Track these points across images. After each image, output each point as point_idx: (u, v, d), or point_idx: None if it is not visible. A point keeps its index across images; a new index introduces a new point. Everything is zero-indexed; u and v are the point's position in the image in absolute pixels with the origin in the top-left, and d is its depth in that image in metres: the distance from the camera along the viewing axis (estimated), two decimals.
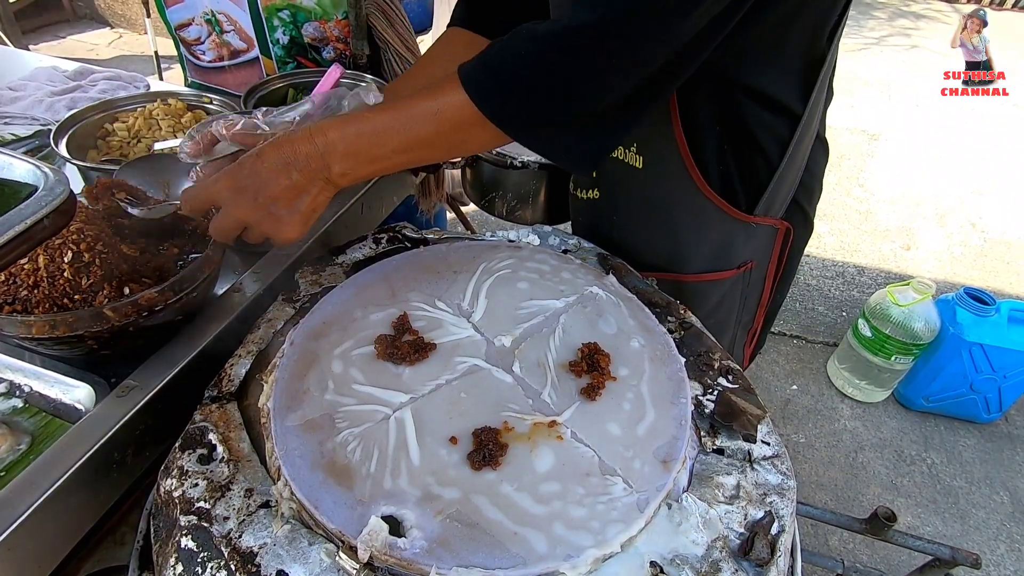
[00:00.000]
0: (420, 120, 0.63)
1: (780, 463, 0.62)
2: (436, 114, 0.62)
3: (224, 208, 0.64)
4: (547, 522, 0.51)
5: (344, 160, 0.63)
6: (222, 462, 0.57)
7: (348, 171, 0.64)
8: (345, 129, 0.63)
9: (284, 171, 0.62)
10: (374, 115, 0.64)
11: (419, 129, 0.63)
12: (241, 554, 0.49)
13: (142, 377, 0.67)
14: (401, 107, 0.63)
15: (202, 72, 1.40)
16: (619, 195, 0.91)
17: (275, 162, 0.62)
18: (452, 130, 0.63)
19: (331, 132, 0.63)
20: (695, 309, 0.95)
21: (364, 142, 0.63)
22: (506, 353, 0.67)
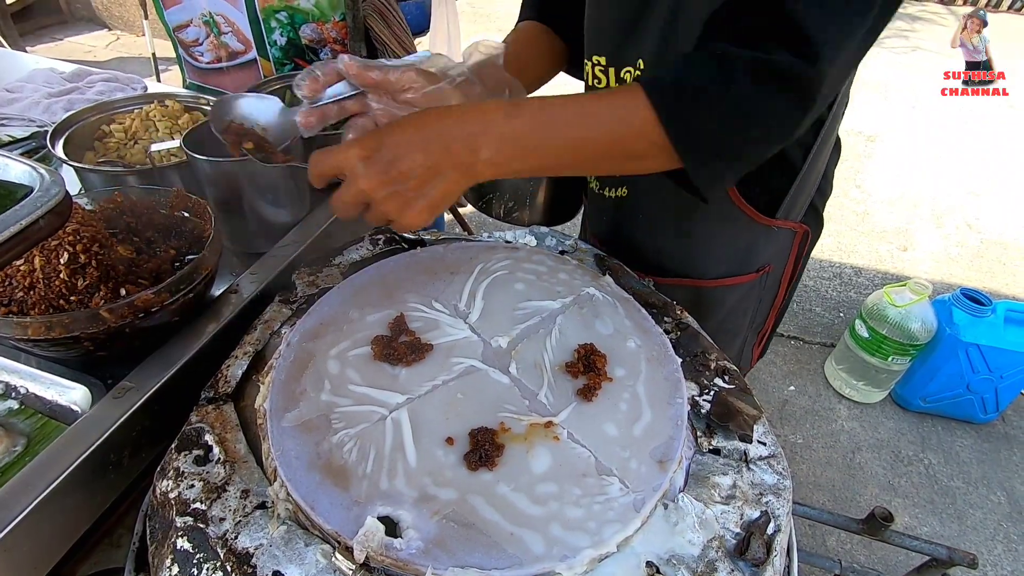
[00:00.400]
0: (594, 121, 0.59)
1: (776, 463, 0.62)
2: (614, 119, 0.58)
3: (350, 178, 0.58)
4: (544, 523, 0.51)
5: (498, 146, 0.57)
6: (218, 463, 0.57)
7: (498, 160, 0.57)
8: (508, 110, 0.57)
9: (423, 146, 0.56)
10: (541, 104, 0.59)
11: (591, 130, 0.59)
12: (237, 555, 0.49)
13: (138, 378, 0.66)
14: (572, 102, 0.59)
15: (200, 73, 1.40)
16: (649, 195, 0.89)
17: (415, 135, 0.56)
18: (625, 140, 0.59)
19: (491, 112, 0.57)
20: (711, 314, 0.95)
21: (526, 129, 0.58)
22: (503, 354, 0.67)
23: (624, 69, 0.79)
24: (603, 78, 0.82)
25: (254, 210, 0.88)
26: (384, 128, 0.59)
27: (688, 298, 0.88)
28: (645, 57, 0.75)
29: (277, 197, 0.90)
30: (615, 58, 0.79)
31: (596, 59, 0.81)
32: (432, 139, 0.56)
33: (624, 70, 0.79)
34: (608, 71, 0.81)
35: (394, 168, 0.56)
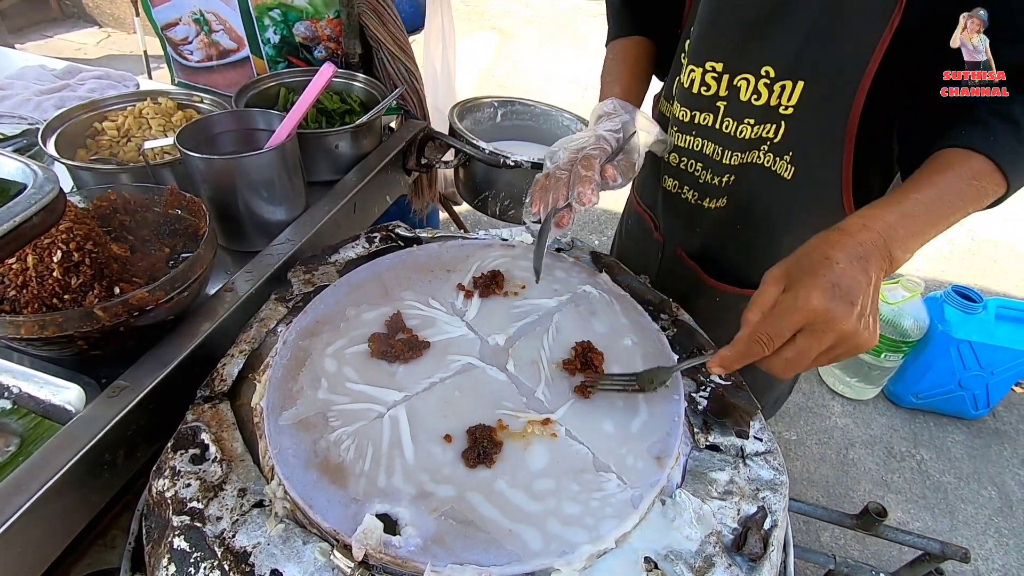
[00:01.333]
0: (964, 199, 0.61)
1: (772, 459, 0.62)
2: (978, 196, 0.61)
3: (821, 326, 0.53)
4: (542, 519, 0.51)
5: (904, 243, 0.58)
6: (215, 462, 0.56)
7: (904, 255, 0.59)
8: (897, 210, 0.59)
9: (862, 268, 0.56)
10: (916, 194, 0.61)
11: (962, 207, 0.61)
12: (235, 554, 0.49)
13: (133, 377, 0.66)
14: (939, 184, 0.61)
15: (190, 72, 1.39)
16: (754, 205, 0.85)
17: (849, 258, 0.56)
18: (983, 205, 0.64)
19: (886, 216, 0.59)
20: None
21: (919, 223, 0.60)
22: (500, 351, 0.67)
23: (740, 76, 0.76)
24: (713, 85, 0.79)
25: (249, 208, 0.88)
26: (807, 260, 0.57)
27: None
28: (776, 63, 0.72)
29: (272, 194, 0.89)
30: (733, 64, 0.76)
31: (710, 65, 0.78)
32: (863, 256, 0.56)
33: (740, 77, 0.76)
34: (722, 78, 0.78)
35: (854, 297, 0.54)
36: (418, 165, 1.23)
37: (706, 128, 0.83)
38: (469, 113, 1.30)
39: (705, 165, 0.86)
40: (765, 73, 0.74)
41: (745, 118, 0.78)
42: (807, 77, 0.71)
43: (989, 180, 0.61)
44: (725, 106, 0.79)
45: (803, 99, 0.73)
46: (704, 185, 0.88)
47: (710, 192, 0.88)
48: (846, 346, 0.55)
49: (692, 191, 0.91)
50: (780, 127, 0.76)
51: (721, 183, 0.86)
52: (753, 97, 0.76)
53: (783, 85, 0.73)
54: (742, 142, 0.80)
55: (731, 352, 0.56)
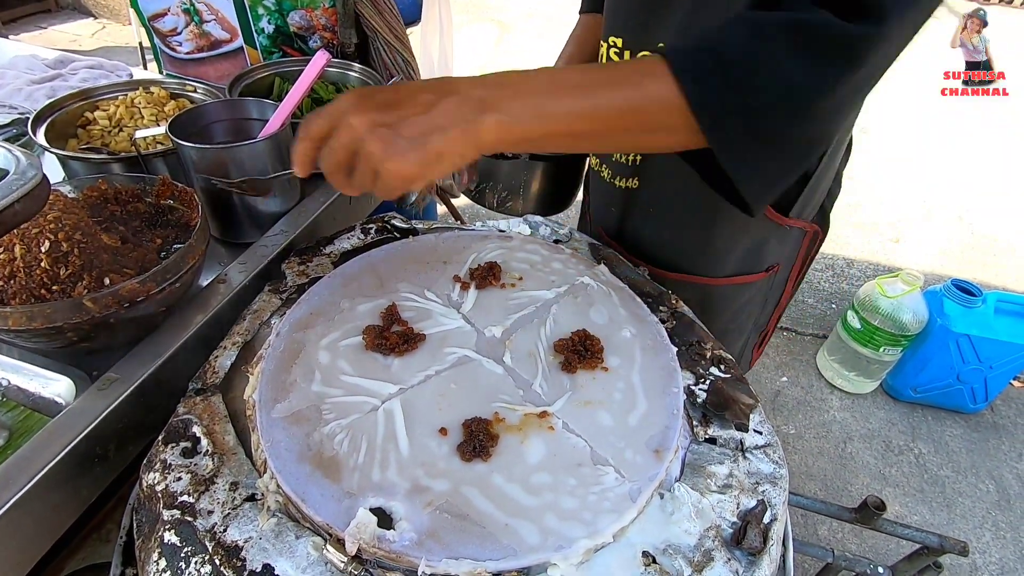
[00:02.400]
0: (610, 86, 0.52)
1: (772, 452, 0.62)
2: (631, 85, 0.52)
3: (340, 118, 0.51)
4: (538, 513, 0.50)
5: (508, 104, 0.51)
6: (206, 455, 0.55)
7: (507, 121, 0.51)
8: (516, 75, 0.53)
9: (426, 90, 0.51)
10: (553, 69, 0.55)
11: (607, 97, 0.52)
12: (226, 548, 0.48)
13: (124, 370, 0.65)
14: (590, 69, 0.55)
15: (179, 64, 1.36)
16: (664, 187, 0.85)
17: (426, 84, 0.52)
18: (644, 109, 0.53)
19: (499, 75, 0.53)
20: (718, 314, 0.94)
21: (537, 90, 0.52)
22: (496, 344, 0.66)
23: (641, 54, 0.75)
24: (616, 60, 0.79)
25: (243, 198, 0.86)
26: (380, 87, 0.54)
27: (695, 296, 0.86)
28: (667, 41, 0.72)
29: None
30: (633, 41, 0.76)
31: (612, 40, 0.78)
32: (443, 89, 0.51)
33: (641, 55, 0.75)
34: (623, 55, 0.78)
35: (392, 107, 0.50)
36: None
37: None
38: None
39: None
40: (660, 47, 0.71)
41: None
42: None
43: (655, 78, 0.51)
44: None
45: None
46: (615, 164, 0.89)
47: (621, 170, 0.89)
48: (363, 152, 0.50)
49: (607, 168, 0.92)
50: None
51: (628, 161, 0.86)
52: None
53: None
54: None
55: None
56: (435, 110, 0.50)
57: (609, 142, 0.61)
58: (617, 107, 0.53)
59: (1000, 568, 1.69)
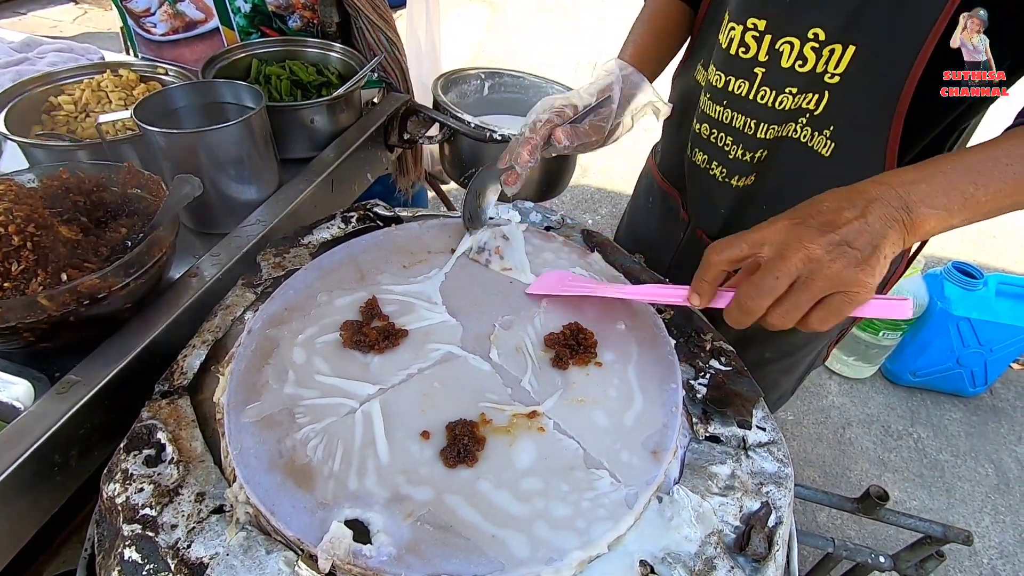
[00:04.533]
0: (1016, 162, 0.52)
1: (776, 449, 0.58)
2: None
3: (780, 251, 0.50)
4: (528, 522, 0.47)
5: (930, 198, 0.51)
6: (171, 463, 0.52)
7: (930, 210, 0.51)
8: (923, 170, 0.53)
9: (852, 206, 0.51)
10: (957, 156, 0.54)
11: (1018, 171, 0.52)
12: (190, 566, 0.45)
13: (86, 371, 0.61)
14: (989, 149, 0.53)
15: (153, 47, 1.30)
16: (787, 183, 0.78)
17: (838, 202, 0.51)
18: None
19: (906, 173, 0.52)
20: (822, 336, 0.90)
21: (956, 179, 0.52)
22: (483, 339, 0.62)
23: (784, 39, 0.69)
24: (752, 46, 0.71)
25: (216, 187, 0.82)
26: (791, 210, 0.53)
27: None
28: (828, 25, 0.65)
29: (241, 172, 0.83)
30: (779, 24, 0.68)
31: (752, 22, 0.70)
32: (857, 202, 0.51)
33: (783, 40, 0.69)
34: (763, 38, 0.70)
35: (832, 228, 0.50)
36: (400, 141, 1.17)
37: (740, 98, 0.75)
38: (454, 85, 1.23)
39: (736, 139, 0.79)
40: (814, 36, 0.66)
41: (786, 87, 0.71)
42: (860, 41, 0.64)
43: None
44: (763, 73, 0.72)
45: (852, 66, 0.66)
46: (734, 161, 0.81)
47: (739, 169, 0.81)
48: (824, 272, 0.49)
49: (720, 167, 0.83)
50: (823, 97, 0.69)
51: (752, 159, 0.79)
52: (798, 63, 0.69)
53: (832, 49, 0.66)
54: (779, 113, 0.73)
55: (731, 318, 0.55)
56: (869, 219, 0.50)
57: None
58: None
59: (999, 552, 1.68)
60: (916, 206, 0.51)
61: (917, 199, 0.51)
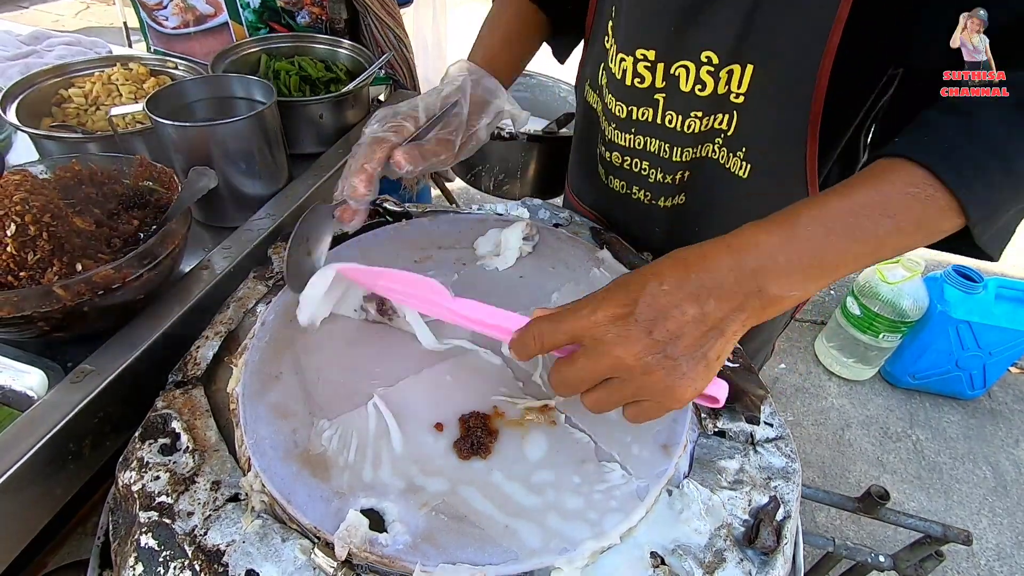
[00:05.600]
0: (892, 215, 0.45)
1: (784, 445, 0.59)
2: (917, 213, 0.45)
3: (595, 346, 0.44)
4: (540, 513, 0.47)
5: (786, 279, 0.44)
6: (186, 452, 0.52)
7: (786, 291, 0.45)
8: (786, 232, 0.45)
9: (693, 298, 0.43)
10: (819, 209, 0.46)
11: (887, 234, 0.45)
12: (207, 553, 0.45)
13: (99, 361, 0.61)
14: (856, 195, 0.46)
15: (165, 40, 1.31)
16: (713, 203, 0.76)
17: (680, 285, 0.44)
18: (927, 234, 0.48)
19: (768, 237, 0.45)
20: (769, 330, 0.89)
21: (810, 246, 0.45)
22: None
23: (677, 64, 0.66)
24: (647, 76, 0.69)
25: (226, 180, 0.82)
26: (628, 280, 0.45)
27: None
28: (717, 48, 0.63)
29: (252, 166, 0.84)
30: (669, 52, 0.66)
31: (641, 53, 0.67)
32: (705, 286, 0.44)
33: (677, 65, 0.66)
34: (656, 67, 0.68)
35: (660, 327, 0.43)
36: None
37: (647, 124, 0.72)
38: None
39: (652, 163, 0.76)
40: (707, 59, 0.64)
41: (692, 111, 0.68)
42: (756, 60, 0.62)
43: (930, 194, 0.45)
44: (664, 99, 0.69)
45: (754, 86, 0.63)
46: (656, 184, 0.78)
47: (664, 191, 0.78)
48: (635, 383, 0.44)
49: (643, 191, 0.80)
50: (733, 117, 0.67)
51: (675, 180, 0.76)
52: (697, 88, 0.66)
53: (730, 71, 0.64)
54: (691, 136, 0.70)
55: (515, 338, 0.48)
56: (706, 309, 0.43)
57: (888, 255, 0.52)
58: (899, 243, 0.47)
59: (997, 553, 1.69)
60: (770, 286, 0.44)
61: (773, 277, 0.44)
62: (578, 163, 0.94)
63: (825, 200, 0.46)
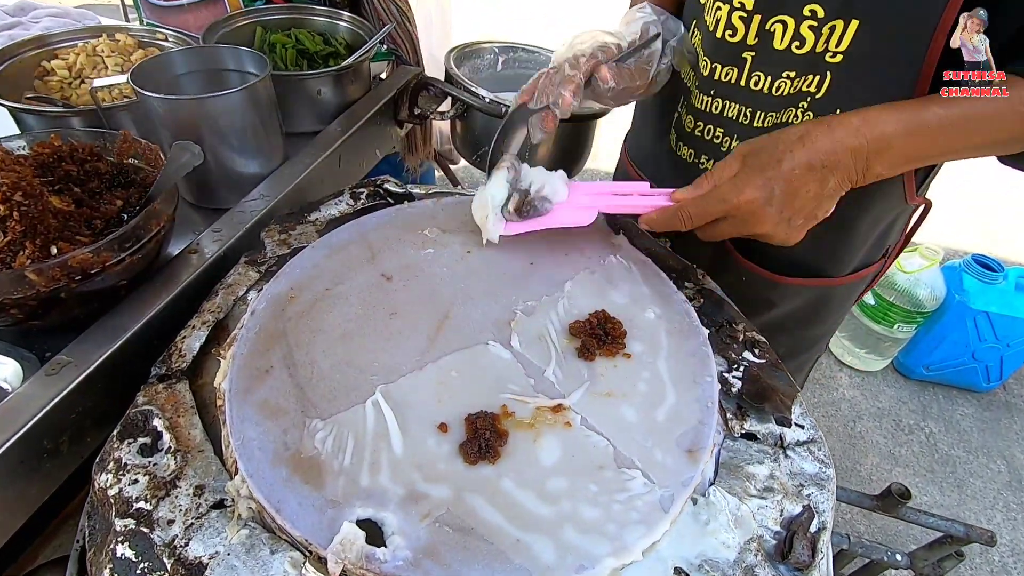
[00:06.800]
0: (1000, 124, 0.54)
1: (817, 449, 0.54)
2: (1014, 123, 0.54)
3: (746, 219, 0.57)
4: (555, 526, 0.43)
5: (891, 162, 0.55)
6: (168, 453, 0.48)
7: (887, 172, 0.56)
8: (906, 122, 0.54)
9: (818, 177, 0.55)
10: (940, 107, 0.54)
11: (994, 134, 0.55)
12: (187, 566, 0.41)
13: (78, 352, 0.57)
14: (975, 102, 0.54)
15: (158, 12, 1.24)
16: None
17: (808, 164, 0.54)
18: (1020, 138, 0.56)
19: (886, 125, 0.54)
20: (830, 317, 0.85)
21: (923, 141, 0.54)
22: (503, 326, 0.58)
23: (775, 19, 0.63)
24: (740, 28, 0.65)
25: (217, 158, 0.77)
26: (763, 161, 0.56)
27: (810, 300, 0.77)
28: (824, 2, 0.59)
29: (244, 143, 0.79)
30: (769, 3, 0.63)
31: (739, 2, 0.64)
32: (829, 165, 0.54)
33: (774, 20, 0.63)
34: (752, 19, 0.64)
35: (791, 206, 0.56)
36: (411, 116, 1.11)
37: (729, 86, 0.69)
38: (467, 59, 1.18)
39: (728, 130, 0.72)
40: (811, 13, 0.60)
41: (783, 71, 0.65)
42: (865, 15, 0.58)
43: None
44: (753, 57, 0.66)
45: (855, 44, 0.60)
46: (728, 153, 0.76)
47: (715, 154, 0.76)
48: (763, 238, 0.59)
49: (712, 161, 0.77)
50: (825, 78, 0.63)
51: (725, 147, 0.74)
52: (794, 44, 0.63)
53: (832, 27, 0.60)
54: (776, 99, 0.67)
55: (657, 217, 0.62)
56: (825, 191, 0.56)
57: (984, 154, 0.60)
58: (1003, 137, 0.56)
59: (1011, 549, 1.66)
60: (875, 165, 0.54)
61: (881, 160, 0.54)
62: (645, 127, 0.91)
63: (951, 103, 0.54)
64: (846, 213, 0.69)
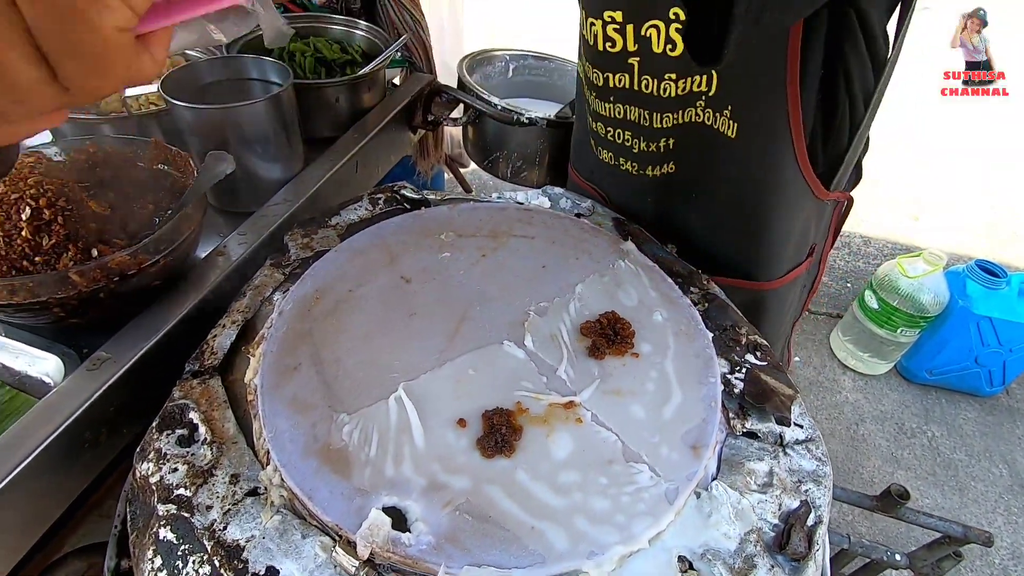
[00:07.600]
0: None
1: (815, 447, 0.57)
2: None
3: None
4: (567, 515, 0.46)
5: None
6: (204, 444, 0.51)
7: None
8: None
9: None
10: None
11: None
12: (226, 548, 0.44)
13: (116, 348, 0.60)
14: None
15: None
16: (704, 169, 0.74)
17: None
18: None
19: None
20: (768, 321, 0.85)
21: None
22: (516, 326, 0.61)
23: (648, 24, 0.64)
24: (618, 39, 0.67)
25: (242, 164, 0.80)
26: None
27: (744, 303, 0.77)
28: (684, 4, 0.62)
29: (268, 150, 0.82)
30: (636, 11, 0.65)
31: (609, 16, 0.66)
32: None
33: (648, 26, 0.64)
34: (625, 29, 0.66)
35: None
36: (425, 122, 1.15)
37: (624, 91, 0.71)
38: (479, 67, 1.21)
39: (635, 132, 0.74)
40: (675, 16, 0.62)
41: (666, 73, 0.66)
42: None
43: None
44: (639, 63, 0.67)
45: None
46: (641, 154, 0.76)
47: (650, 160, 0.77)
48: None
49: (629, 162, 0.79)
50: (712, 77, 0.65)
51: (659, 148, 0.74)
52: (668, 48, 0.64)
53: None
54: (670, 101, 0.69)
55: None
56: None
57: None
58: None
59: (1012, 552, 1.67)
60: None
61: None
62: (576, 137, 0.93)
63: None
64: (753, 212, 0.73)
